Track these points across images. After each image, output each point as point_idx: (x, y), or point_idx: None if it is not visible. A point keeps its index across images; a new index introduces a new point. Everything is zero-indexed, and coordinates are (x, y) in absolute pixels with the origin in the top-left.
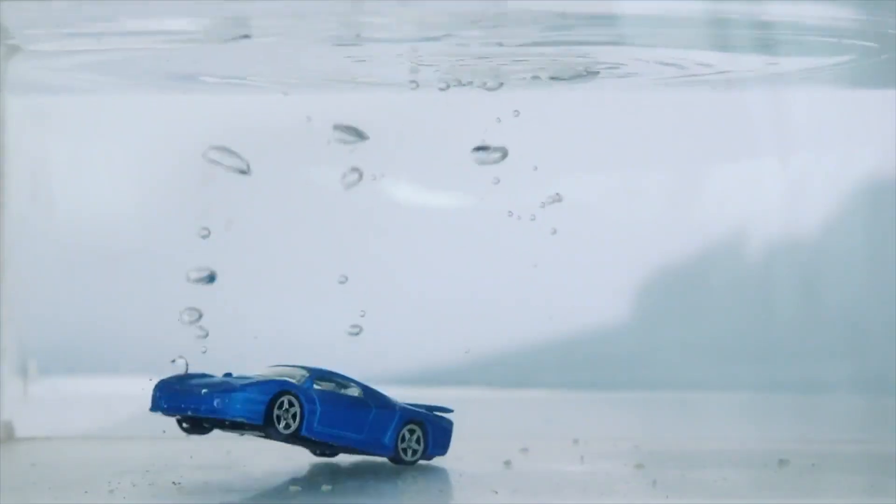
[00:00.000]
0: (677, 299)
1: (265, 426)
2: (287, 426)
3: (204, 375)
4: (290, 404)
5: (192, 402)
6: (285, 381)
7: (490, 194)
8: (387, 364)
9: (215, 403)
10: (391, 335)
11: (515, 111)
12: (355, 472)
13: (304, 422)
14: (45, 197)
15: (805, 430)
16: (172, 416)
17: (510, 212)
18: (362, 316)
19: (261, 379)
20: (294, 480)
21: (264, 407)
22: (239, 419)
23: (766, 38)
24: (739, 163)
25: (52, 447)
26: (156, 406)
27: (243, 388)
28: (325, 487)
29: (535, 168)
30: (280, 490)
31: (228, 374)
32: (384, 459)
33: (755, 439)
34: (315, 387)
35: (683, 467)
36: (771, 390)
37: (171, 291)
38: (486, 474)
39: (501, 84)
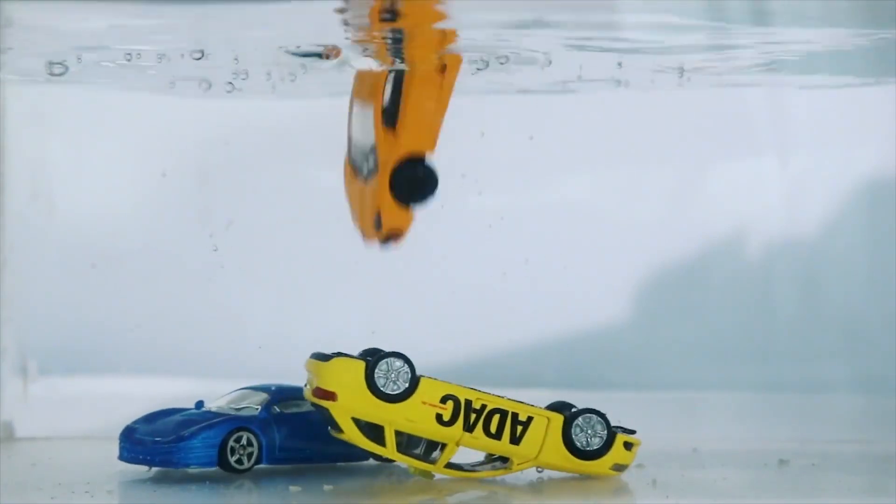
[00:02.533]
0: (677, 299)
1: (222, 467)
2: (240, 462)
3: (172, 412)
4: (246, 440)
5: (147, 453)
6: (236, 417)
7: (490, 194)
8: None
9: (167, 455)
10: (390, 335)
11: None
12: (356, 472)
13: (264, 452)
14: (45, 197)
15: (805, 430)
16: (140, 464)
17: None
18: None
19: (211, 421)
20: (294, 480)
21: (217, 451)
22: (194, 467)
23: (765, 38)
24: (739, 162)
25: (52, 447)
26: (121, 456)
27: (192, 435)
28: (326, 487)
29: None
30: (280, 490)
31: (200, 403)
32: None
33: (755, 439)
34: (275, 410)
35: (683, 467)
36: (771, 390)
37: (171, 291)
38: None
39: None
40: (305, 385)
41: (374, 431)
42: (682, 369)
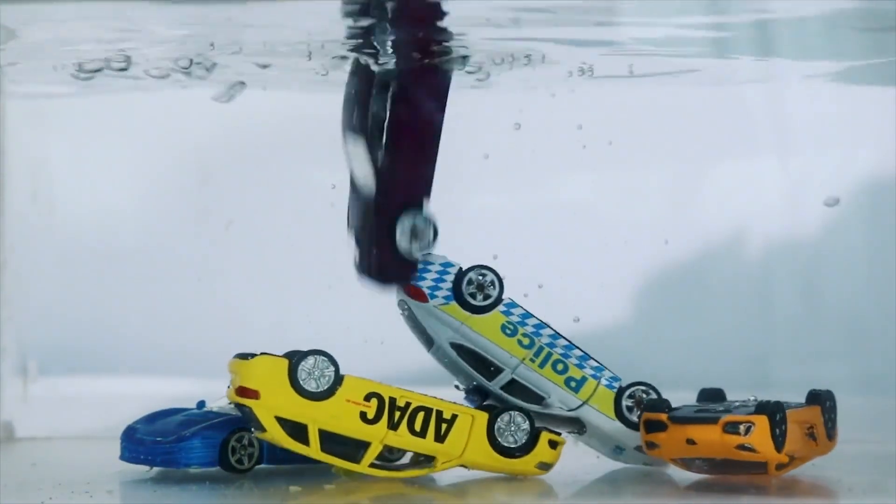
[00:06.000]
0: (677, 299)
1: (223, 467)
2: (241, 462)
3: (173, 411)
4: (248, 440)
5: (148, 453)
6: (237, 417)
7: (490, 194)
8: (388, 363)
9: (168, 454)
10: (392, 334)
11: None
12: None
13: (265, 452)
14: (45, 197)
15: None
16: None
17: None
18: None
19: (212, 421)
20: (294, 480)
21: (218, 450)
22: (195, 467)
23: (765, 37)
24: (739, 162)
25: (52, 447)
26: (122, 456)
27: (193, 435)
28: (326, 486)
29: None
30: (280, 490)
31: (202, 403)
32: None
33: None
34: None
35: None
36: (771, 390)
37: (171, 291)
38: (486, 474)
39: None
40: (228, 387)
41: (297, 431)
42: (681, 369)
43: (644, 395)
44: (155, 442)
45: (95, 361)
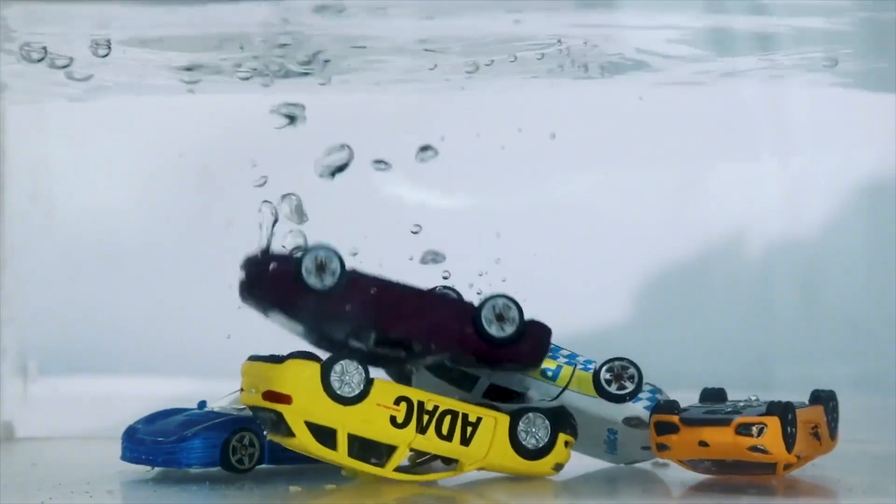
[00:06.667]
0: (677, 299)
1: (224, 468)
2: (241, 462)
3: (174, 412)
4: (249, 440)
5: (149, 453)
6: (238, 417)
7: (488, 194)
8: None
9: (169, 455)
10: None
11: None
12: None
13: (266, 453)
14: (45, 197)
15: None
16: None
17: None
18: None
19: (213, 421)
20: (295, 481)
21: (219, 451)
22: (196, 468)
23: (765, 38)
24: (739, 162)
25: (52, 447)
26: (123, 456)
27: (194, 435)
28: (327, 486)
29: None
30: (281, 490)
31: (203, 404)
32: None
33: None
34: None
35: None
36: (771, 390)
37: (172, 291)
38: (485, 474)
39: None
40: (242, 390)
41: (324, 436)
42: (681, 369)
43: (622, 369)
44: (156, 442)
45: (95, 361)
